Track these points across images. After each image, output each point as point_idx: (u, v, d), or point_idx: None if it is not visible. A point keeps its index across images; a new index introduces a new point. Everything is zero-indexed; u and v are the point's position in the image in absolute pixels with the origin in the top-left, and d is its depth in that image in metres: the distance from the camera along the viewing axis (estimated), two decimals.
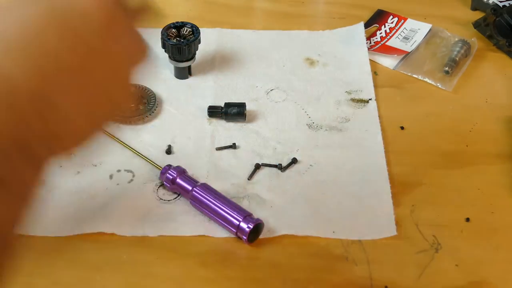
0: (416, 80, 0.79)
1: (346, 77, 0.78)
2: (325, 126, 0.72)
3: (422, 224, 0.62)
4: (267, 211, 0.62)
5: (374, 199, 0.63)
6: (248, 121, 0.72)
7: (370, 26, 0.86)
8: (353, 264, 0.58)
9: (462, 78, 0.79)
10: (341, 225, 0.61)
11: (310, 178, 0.66)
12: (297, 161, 0.67)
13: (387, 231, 0.60)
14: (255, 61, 0.81)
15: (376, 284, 0.56)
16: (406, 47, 0.82)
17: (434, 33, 0.85)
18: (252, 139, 0.70)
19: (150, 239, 0.59)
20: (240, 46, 0.83)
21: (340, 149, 0.69)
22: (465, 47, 0.80)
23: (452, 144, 0.70)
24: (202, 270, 0.57)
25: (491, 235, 0.61)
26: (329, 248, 0.59)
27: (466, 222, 0.62)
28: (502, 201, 0.64)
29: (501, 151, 0.70)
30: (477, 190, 0.65)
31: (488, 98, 0.76)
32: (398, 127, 0.72)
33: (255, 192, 0.64)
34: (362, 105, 0.74)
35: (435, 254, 0.59)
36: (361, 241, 0.60)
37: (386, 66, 0.81)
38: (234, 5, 0.90)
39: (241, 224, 0.58)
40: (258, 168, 0.66)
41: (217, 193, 0.61)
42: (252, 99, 0.75)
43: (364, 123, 0.72)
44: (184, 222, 0.61)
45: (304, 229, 0.61)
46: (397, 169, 0.67)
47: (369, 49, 0.82)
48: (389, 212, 0.62)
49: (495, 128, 0.72)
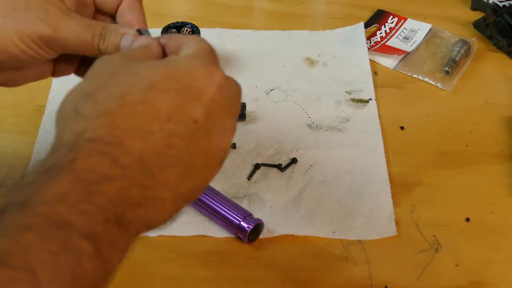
0: (416, 80, 0.79)
1: (346, 77, 0.78)
2: (325, 126, 0.72)
3: (422, 224, 0.62)
4: (267, 211, 0.62)
5: (374, 199, 0.63)
6: (248, 121, 0.72)
7: (370, 26, 0.86)
8: (353, 264, 0.58)
9: (462, 78, 0.79)
10: (341, 225, 0.61)
11: (310, 178, 0.66)
12: (297, 161, 0.67)
13: (387, 231, 0.60)
14: (255, 61, 0.80)
15: (376, 284, 0.56)
16: (406, 47, 0.82)
17: (434, 33, 0.85)
18: (252, 139, 0.70)
19: (150, 239, 0.59)
20: (240, 46, 0.83)
21: (340, 149, 0.69)
22: (465, 47, 0.80)
23: (452, 144, 0.70)
24: (202, 270, 0.57)
25: (491, 235, 0.61)
26: (329, 248, 0.59)
27: (466, 222, 0.62)
28: (502, 201, 0.64)
29: (501, 151, 0.70)
30: (477, 190, 0.65)
31: (488, 98, 0.76)
32: (398, 127, 0.72)
33: (255, 192, 0.64)
34: (362, 105, 0.74)
35: (435, 254, 0.59)
36: (361, 241, 0.60)
37: (386, 66, 0.81)
38: (234, 5, 0.90)
39: (241, 224, 0.58)
40: (258, 168, 0.66)
41: (217, 193, 0.61)
42: (252, 99, 0.75)
43: (364, 123, 0.72)
44: (184, 222, 0.61)
45: (304, 229, 0.61)
46: (397, 169, 0.67)
47: (369, 49, 0.82)
48: (389, 212, 0.62)
49: (495, 128, 0.72)
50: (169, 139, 0.36)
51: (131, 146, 0.34)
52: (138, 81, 0.37)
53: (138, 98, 0.36)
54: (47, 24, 0.44)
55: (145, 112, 0.36)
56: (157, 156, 0.35)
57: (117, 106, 0.36)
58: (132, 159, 0.34)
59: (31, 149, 0.67)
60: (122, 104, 0.36)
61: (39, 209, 0.31)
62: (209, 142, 0.38)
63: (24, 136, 0.68)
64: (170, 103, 0.36)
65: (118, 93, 0.36)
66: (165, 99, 0.36)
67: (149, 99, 0.36)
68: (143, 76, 0.37)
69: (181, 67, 0.38)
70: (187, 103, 0.37)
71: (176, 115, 0.36)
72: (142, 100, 0.36)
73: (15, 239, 0.29)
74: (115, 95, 0.36)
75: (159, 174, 0.35)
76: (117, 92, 0.36)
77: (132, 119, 0.35)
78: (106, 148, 0.34)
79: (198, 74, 0.38)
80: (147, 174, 0.35)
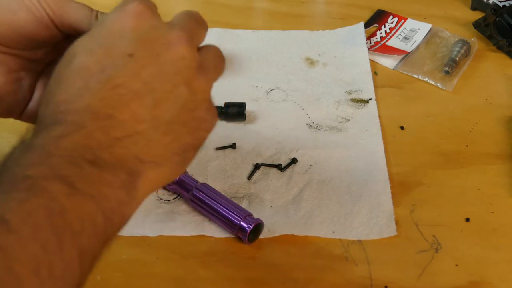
0: (416, 80, 0.79)
1: (346, 77, 0.78)
2: (325, 126, 0.72)
3: (422, 224, 0.62)
4: (267, 211, 0.62)
5: (374, 199, 0.63)
6: (248, 121, 0.72)
7: (370, 26, 0.86)
8: (353, 264, 0.58)
9: (462, 78, 0.79)
10: (341, 225, 0.61)
11: (310, 178, 0.66)
12: (297, 161, 0.67)
13: (387, 231, 0.60)
14: (255, 61, 0.81)
15: (376, 284, 0.56)
16: (406, 47, 0.83)
17: (434, 33, 0.85)
18: (252, 139, 0.70)
19: (150, 239, 0.59)
20: (240, 46, 0.83)
21: (340, 149, 0.69)
22: (465, 47, 0.80)
23: (452, 144, 0.70)
24: (202, 270, 0.57)
25: (491, 235, 0.61)
26: (329, 248, 0.59)
27: (466, 222, 0.62)
28: (502, 201, 0.64)
29: (501, 151, 0.70)
30: (477, 190, 0.65)
31: (488, 98, 0.76)
32: (398, 127, 0.72)
33: (255, 192, 0.64)
34: (362, 105, 0.74)
35: (435, 254, 0.59)
36: (361, 241, 0.60)
37: (386, 66, 0.81)
38: (234, 5, 0.90)
39: (241, 224, 0.58)
40: (258, 168, 0.66)
41: (217, 193, 0.61)
42: (252, 99, 0.75)
43: (364, 123, 0.72)
44: (184, 222, 0.61)
45: (304, 229, 0.61)
46: (397, 169, 0.67)
47: (369, 49, 0.82)
48: (389, 212, 0.62)
49: (495, 128, 0.72)
50: (110, 82, 0.37)
51: (75, 107, 0.36)
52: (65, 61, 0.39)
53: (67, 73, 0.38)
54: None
55: (78, 78, 0.37)
56: (106, 101, 0.36)
57: (54, 87, 0.38)
58: (81, 114, 0.36)
59: None
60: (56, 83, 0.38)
61: (3, 174, 0.33)
62: (158, 62, 0.38)
63: None
64: (97, 56, 0.37)
65: (54, 79, 0.38)
66: (91, 57, 0.38)
67: (77, 66, 0.38)
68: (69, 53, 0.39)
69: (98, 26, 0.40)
70: (113, 46, 0.38)
71: (106, 62, 0.37)
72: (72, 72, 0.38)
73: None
74: (51, 82, 0.38)
75: (118, 113, 0.36)
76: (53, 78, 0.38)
77: (67, 89, 0.37)
78: (52, 119, 0.36)
79: (112, 19, 0.39)
80: (103, 118, 0.36)
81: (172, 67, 0.39)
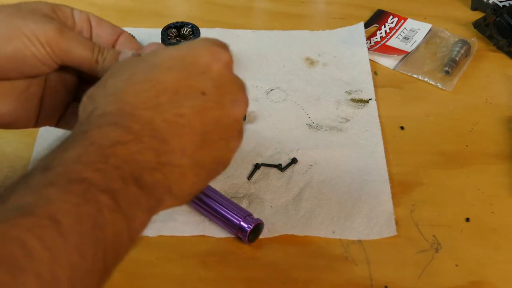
0: (416, 80, 0.79)
1: (346, 77, 0.78)
2: (325, 126, 0.72)
3: (422, 224, 0.62)
4: (267, 211, 0.62)
5: (374, 199, 0.63)
6: (248, 121, 0.72)
7: (370, 26, 0.86)
8: (353, 264, 0.58)
9: (462, 78, 0.79)
10: (341, 225, 0.61)
11: (310, 178, 0.66)
12: (297, 161, 0.67)
13: (387, 231, 0.60)
14: (255, 61, 0.80)
15: (376, 284, 0.56)
16: (406, 47, 0.82)
17: (434, 33, 0.85)
18: (252, 139, 0.70)
19: (150, 239, 0.59)
20: (240, 46, 0.82)
21: (340, 149, 0.69)
22: (465, 47, 0.80)
23: (452, 144, 0.70)
24: (202, 270, 0.57)
25: (491, 235, 0.61)
26: (329, 248, 0.59)
27: (466, 222, 0.62)
28: (502, 201, 0.64)
29: (501, 151, 0.70)
30: (477, 190, 0.65)
31: (488, 98, 0.76)
32: (398, 127, 0.72)
33: (255, 192, 0.64)
34: (362, 105, 0.74)
35: (435, 254, 0.59)
36: (361, 241, 0.60)
37: (386, 66, 0.81)
38: (234, 5, 0.90)
39: (241, 224, 0.58)
40: (258, 168, 0.66)
41: (217, 193, 0.61)
42: (252, 99, 0.75)
43: (364, 123, 0.72)
44: (184, 222, 0.61)
45: (304, 229, 0.61)
46: (397, 169, 0.67)
47: (369, 49, 0.82)
48: (389, 212, 0.62)
49: (495, 128, 0.72)
50: (178, 109, 0.38)
51: (140, 115, 0.37)
52: (143, 65, 0.40)
53: (144, 77, 0.39)
54: (54, 26, 0.45)
55: (152, 88, 0.38)
56: (167, 124, 0.38)
57: (124, 86, 0.39)
58: (143, 126, 0.37)
59: (31, 149, 0.67)
60: (129, 84, 0.39)
61: (58, 170, 0.34)
62: (221, 113, 0.40)
63: (24, 136, 0.68)
64: (176, 78, 0.39)
65: (125, 76, 0.39)
66: (171, 75, 0.39)
67: (155, 77, 0.39)
68: (148, 60, 0.40)
69: (184, 48, 0.41)
70: (193, 77, 0.40)
71: (183, 88, 0.39)
72: (148, 79, 0.39)
73: (39, 194, 0.32)
74: (122, 78, 0.39)
75: (172, 140, 0.38)
76: (125, 75, 0.39)
77: (139, 94, 0.38)
78: (116, 119, 0.37)
79: (203, 52, 0.41)
80: (159, 140, 0.37)
81: (229, 122, 0.41)
